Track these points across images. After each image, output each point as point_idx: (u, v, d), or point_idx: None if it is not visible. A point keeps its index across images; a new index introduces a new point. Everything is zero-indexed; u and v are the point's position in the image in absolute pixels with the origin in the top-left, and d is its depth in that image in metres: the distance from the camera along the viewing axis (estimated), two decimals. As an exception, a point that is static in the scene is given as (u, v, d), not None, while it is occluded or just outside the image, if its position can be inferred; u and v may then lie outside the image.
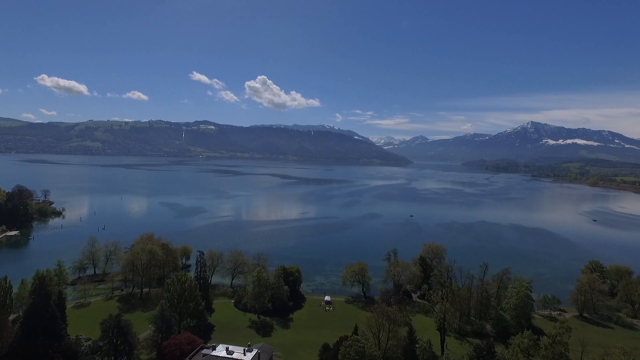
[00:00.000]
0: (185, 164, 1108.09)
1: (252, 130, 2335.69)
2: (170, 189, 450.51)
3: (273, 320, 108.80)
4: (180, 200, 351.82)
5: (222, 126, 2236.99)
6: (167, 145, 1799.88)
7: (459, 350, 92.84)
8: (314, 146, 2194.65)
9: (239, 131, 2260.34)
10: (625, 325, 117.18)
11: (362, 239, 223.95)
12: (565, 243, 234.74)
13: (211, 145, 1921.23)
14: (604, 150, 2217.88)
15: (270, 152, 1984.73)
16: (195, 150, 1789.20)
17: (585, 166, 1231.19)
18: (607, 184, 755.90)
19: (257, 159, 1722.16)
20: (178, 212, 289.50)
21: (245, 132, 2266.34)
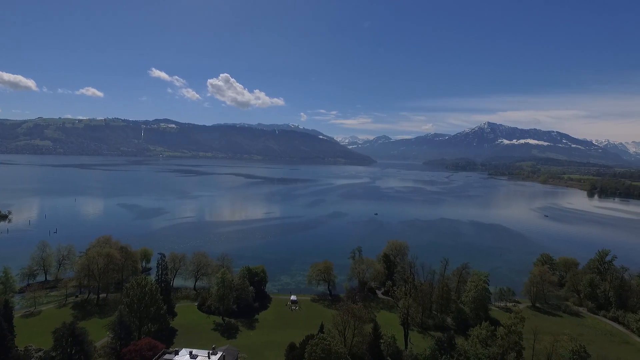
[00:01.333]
0: (144, 163, 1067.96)
1: (215, 129, 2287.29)
2: (129, 189, 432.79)
3: (238, 322, 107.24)
4: (140, 201, 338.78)
5: (184, 125, 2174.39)
6: (124, 144, 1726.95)
7: (421, 343, 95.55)
8: (278, 145, 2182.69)
9: (202, 130, 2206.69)
10: (572, 313, 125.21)
11: (327, 238, 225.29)
12: (520, 238, 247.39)
13: (172, 145, 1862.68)
14: (553, 150, 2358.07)
15: (234, 152, 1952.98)
16: (155, 150, 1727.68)
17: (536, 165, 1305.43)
18: (556, 182, 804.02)
19: (220, 159, 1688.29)
20: (137, 214, 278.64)
21: (208, 131, 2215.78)
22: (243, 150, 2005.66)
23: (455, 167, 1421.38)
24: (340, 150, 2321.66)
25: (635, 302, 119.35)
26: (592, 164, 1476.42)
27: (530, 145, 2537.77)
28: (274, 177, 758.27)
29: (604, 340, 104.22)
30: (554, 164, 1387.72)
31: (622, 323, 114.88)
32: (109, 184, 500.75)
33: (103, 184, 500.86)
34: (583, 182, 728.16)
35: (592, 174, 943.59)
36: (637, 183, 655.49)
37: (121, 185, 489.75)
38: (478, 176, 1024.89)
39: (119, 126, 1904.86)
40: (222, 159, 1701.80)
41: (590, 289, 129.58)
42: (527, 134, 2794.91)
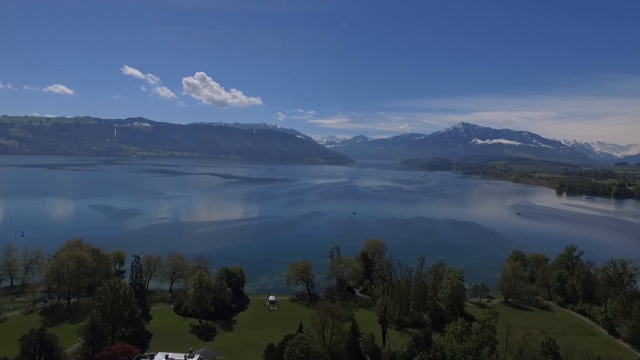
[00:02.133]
0: (117, 163, 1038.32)
1: (191, 128, 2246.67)
2: (101, 190, 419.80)
3: (216, 324, 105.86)
4: (113, 202, 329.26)
5: (158, 124, 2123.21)
6: (96, 143, 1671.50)
7: (399, 340, 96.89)
8: (256, 145, 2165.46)
9: (177, 129, 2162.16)
10: (542, 307, 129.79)
11: (306, 237, 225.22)
12: (493, 235, 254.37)
13: (146, 144, 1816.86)
14: (524, 150, 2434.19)
15: (211, 151, 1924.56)
16: (129, 149, 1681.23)
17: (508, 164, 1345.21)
18: (527, 180, 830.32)
19: (196, 158, 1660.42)
20: (110, 215, 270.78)
21: (184, 130, 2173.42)
22: (220, 150, 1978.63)
23: (431, 167, 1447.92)
24: (318, 150, 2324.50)
25: (600, 295, 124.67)
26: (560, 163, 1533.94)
27: (502, 145, 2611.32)
28: (252, 177, 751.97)
29: (572, 332, 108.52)
30: (525, 163, 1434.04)
31: (589, 315, 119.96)
32: (80, 185, 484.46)
33: (73, 185, 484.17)
34: (552, 181, 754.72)
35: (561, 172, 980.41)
36: (602, 181, 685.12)
37: (93, 185, 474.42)
38: (453, 175, 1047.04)
39: (90, 125, 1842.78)
40: (199, 158, 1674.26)
41: (559, 283, 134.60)
42: (500, 134, 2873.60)
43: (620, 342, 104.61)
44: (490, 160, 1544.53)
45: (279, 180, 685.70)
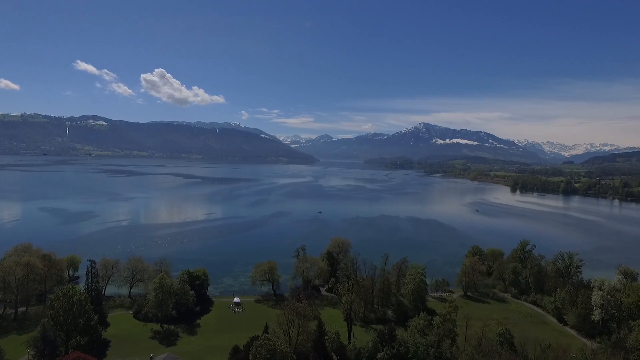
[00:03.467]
0: (70, 163, 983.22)
1: (151, 126, 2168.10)
2: (52, 192, 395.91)
3: (178, 328, 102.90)
4: (65, 204, 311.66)
5: (115, 122, 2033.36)
6: (46, 142, 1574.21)
7: (364, 337, 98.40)
8: (219, 144, 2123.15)
9: (135, 128, 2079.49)
10: (498, 299, 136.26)
11: (271, 238, 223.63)
12: (453, 231, 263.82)
13: (102, 143, 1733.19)
14: (481, 149, 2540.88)
15: (172, 151, 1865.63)
16: (83, 149, 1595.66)
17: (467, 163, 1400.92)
18: (484, 179, 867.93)
19: (156, 158, 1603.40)
20: (63, 219, 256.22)
21: (143, 129, 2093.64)
22: (181, 150, 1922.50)
23: (394, 166, 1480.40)
24: (283, 150, 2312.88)
25: (550, 286, 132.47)
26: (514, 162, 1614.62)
27: (461, 144, 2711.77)
28: (215, 176, 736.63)
29: (526, 322, 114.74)
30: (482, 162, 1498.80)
31: (540, 305, 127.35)
32: (28, 186, 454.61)
33: (20, 186, 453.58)
34: (507, 179, 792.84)
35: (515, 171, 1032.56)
36: (551, 179, 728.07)
37: (42, 187, 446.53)
38: (415, 174, 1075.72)
39: (39, 122, 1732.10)
40: (159, 158, 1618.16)
41: (514, 276, 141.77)
42: (459, 134, 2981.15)
43: (568, 329, 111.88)
44: (450, 160, 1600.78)
45: (243, 180, 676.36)
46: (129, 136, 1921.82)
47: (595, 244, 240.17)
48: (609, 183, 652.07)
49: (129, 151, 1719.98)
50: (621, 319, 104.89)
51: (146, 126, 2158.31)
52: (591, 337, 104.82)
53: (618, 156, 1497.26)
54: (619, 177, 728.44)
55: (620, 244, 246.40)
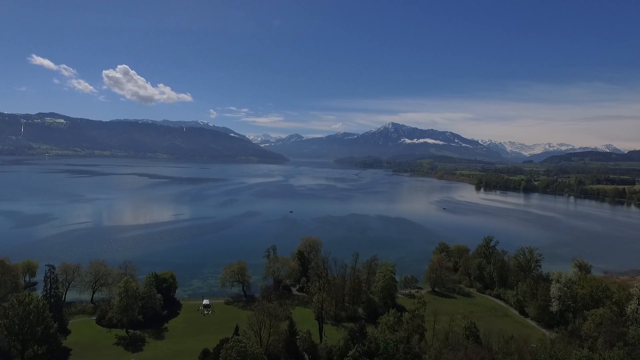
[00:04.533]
0: (25, 163, 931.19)
1: (114, 125, 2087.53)
2: (5, 193, 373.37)
3: (145, 333, 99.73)
4: (20, 206, 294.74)
5: (75, 120, 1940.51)
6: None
7: (335, 335, 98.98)
8: (186, 143, 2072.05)
9: (97, 126, 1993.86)
10: (464, 294, 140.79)
11: (241, 238, 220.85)
12: (421, 229, 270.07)
13: (61, 142, 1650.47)
14: (447, 149, 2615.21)
15: (137, 150, 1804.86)
16: (40, 148, 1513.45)
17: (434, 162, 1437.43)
18: (450, 177, 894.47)
19: (120, 158, 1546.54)
20: (17, 222, 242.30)
21: (105, 127, 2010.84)
22: (147, 149, 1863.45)
23: (363, 165, 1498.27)
24: (253, 149, 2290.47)
25: (512, 280, 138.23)
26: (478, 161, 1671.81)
27: (428, 144, 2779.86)
28: (183, 176, 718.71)
29: (490, 315, 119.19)
30: (448, 161, 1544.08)
31: (503, 299, 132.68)
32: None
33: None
34: (471, 177, 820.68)
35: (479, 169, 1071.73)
36: (513, 177, 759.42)
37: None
38: (384, 173, 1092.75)
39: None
40: (123, 157, 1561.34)
41: (479, 271, 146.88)
42: (426, 134, 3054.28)
43: (529, 321, 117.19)
44: (418, 159, 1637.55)
45: (212, 179, 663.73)
46: (91, 135, 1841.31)
47: (553, 238, 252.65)
48: (565, 181, 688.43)
49: (90, 150, 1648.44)
50: (577, 309, 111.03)
51: (109, 124, 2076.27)
52: (550, 328, 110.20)
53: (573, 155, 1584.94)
54: (574, 175, 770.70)
55: (575, 238, 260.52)
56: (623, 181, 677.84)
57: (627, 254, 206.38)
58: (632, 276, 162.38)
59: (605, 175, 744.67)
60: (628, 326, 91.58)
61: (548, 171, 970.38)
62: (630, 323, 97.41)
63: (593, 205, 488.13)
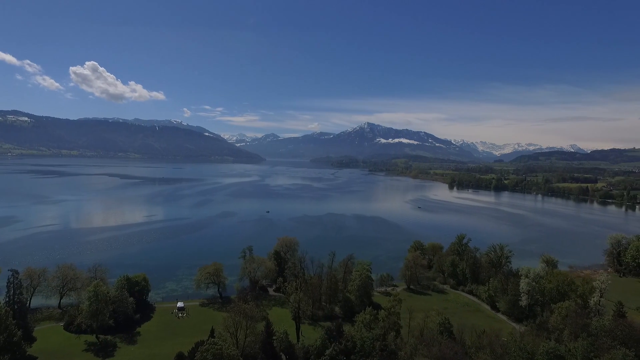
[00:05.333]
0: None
1: (82, 123, 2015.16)
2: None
3: (116, 338, 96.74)
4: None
5: (41, 118, 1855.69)
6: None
7: (312, 335, 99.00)
8: (159, 143, 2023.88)
9: (64, 125, 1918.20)
10: (439, 291, 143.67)
11: (216, 239, 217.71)
12: (396, 227, 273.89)
13: (25, 141, 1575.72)
14: (422, 148, 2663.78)
15: (107, 149, 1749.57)
16: (2, 147, 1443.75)
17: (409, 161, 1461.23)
18: (424, 176, 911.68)
19: (89, 157, 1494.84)
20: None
21: (73, 126, 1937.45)
22: (117, 148, 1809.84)
23: (339, 165, 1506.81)
24: (228, 148, 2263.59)
25: (484, 276, 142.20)
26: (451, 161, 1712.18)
27: (403, 144, 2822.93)
28: (155, 177, 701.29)
29: (463, 311, 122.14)
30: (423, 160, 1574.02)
31: (475, 295, 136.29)
32: None
33: None
34: (445, 176, 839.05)
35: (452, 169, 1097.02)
36: (484, 176, 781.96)
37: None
38: (360, 172, 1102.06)
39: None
40: (92, 157, 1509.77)
41: (452, 268, 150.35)
42: (401, 134, 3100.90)
43: (500, 315, 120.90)
44: (393, 158, 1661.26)
45: (186, 180, 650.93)
46: (57, 134, 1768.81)
47: (522, 235, 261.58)
48: (533, 180, 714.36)
49: (57, 150, 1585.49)
50: (544, 303, 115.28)
51: (77, 123, 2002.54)
52: (519, 321, 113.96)
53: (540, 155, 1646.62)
54: (542, 174, 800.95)
55: (543, 235, 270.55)
56: (586, 180, 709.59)
57: (590, 249, 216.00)
58: (595, 270, 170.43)
59: (570, 174, 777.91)
60: (591, 318, 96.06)
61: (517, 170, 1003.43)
62: (593, 315, 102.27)
63: (559, 203, 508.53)
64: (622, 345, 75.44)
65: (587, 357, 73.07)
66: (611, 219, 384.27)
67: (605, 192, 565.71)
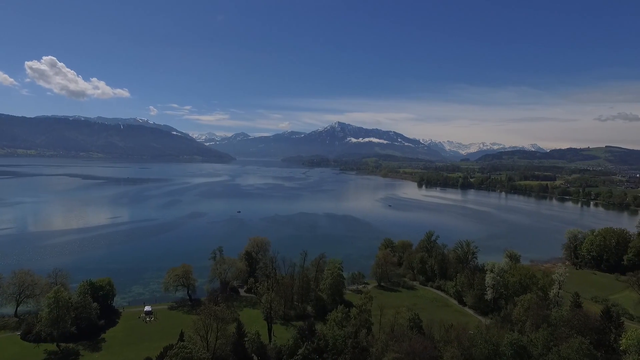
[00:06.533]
0: None
1: (40, 121, 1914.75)
2: None
3: (79, 346, 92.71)
4: None
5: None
6: None
7: (285, 334, 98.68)
8: (124, 142, 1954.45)
9: (20, 122, 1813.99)
10: (408, 287, 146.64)
11: (185, 240, 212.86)
12: (367, 226, 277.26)
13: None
14: (391, 148, 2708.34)
15: (67, 149, 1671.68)
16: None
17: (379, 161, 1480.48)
18: (394, 175, 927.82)
19: (48, 157, 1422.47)
20: None
21: (29, 124, 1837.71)
22: (79, 147, 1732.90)
23: (311, 164, 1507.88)
24: (197, 148, 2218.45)
25: (452, 272, 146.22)
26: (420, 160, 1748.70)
27: (373, 143, 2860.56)
28: (120, 177, 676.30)
29: (432, 306, 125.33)
30: (392, 159, 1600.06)
31: (444, 290, 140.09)
32: None
33: None
34: (414, 175, 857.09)
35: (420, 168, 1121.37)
36: (451, 175, 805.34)
37: None
38: (331, 171, 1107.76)
39: None
40: (51, 157, 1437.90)
41: (421, 265, 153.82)
42: (371, 133, 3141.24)
43: (467, 309, 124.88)
44: (363, 157, 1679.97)
45: (153, 180, 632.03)
46: (12, 132, 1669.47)
47: (487, 231, 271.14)
48: (497, 178, 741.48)
49: (11, 149, 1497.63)
50: (508, 296, 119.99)
51: (34, 121, 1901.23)
52: (485, 315, 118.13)
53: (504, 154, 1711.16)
54: (505, 173, 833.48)
55: (506, 230, 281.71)
56: (546, 177, 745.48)
57: (550, 244, 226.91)
58: (554, 263, 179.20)
59: (531, 172, 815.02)
60: (551, 309, 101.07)
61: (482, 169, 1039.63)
62: (553, 306, 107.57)
63: (521, 200, 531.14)
64: (579, 334, 79.81)
65: (547, 346, 76.79)
66: (568, 214, 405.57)
67: (563, 190, 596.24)
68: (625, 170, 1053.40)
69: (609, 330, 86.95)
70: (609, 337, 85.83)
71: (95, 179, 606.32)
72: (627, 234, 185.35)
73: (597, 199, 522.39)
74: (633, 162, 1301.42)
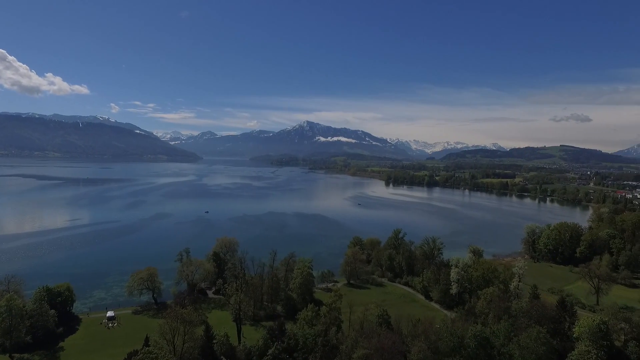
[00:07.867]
0: None
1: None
2: None
3: (35, 356, 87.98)
4: None
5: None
6: None
7: (254, 335, 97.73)
8: (83, 141, 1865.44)
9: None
10: (377, 284, 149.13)
11: (150, 242, 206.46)
12: (337, 225, 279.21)
13: None
14: (360, 147, 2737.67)
15: (20, 148, 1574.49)
16: None
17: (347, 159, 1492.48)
18: (362, 174, 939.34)
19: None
20: None
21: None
22: (33, 146, 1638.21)
23: (279, 163, 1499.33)
24: (162, 147, 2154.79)
25: (419, 268, 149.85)
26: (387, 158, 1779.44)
27: (342, 142, 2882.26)
28: (80, 177, 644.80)
29: (400, 302, 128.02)
30: (361, 158, 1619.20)
31: (411, 286, 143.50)
32: None
33: None
34: (381, 174, 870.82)
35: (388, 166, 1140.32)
36: (418, 173, 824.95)
37: None
38: (300, 170, 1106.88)
39: None
40: (2, 156, 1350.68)
41: (389, 261, 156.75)
42: (339, 133, 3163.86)
43: (433, 304, 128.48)
44: (332, 156, 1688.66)
45: (115, 180, 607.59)
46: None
47: (452, 228, 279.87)
48: (461, 176, 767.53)
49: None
50: (472, 290, 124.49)
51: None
52: (450, 308, 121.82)
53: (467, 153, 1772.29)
54: (468, 171, 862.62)
55: (470, 226, 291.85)
56: (506, 175, 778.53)
57: (510, 238, 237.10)
58: (514, 257, 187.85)
59: (492, 170, 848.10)
60: (511, 301, 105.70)
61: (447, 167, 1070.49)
62: (513, 298, 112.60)
63: (483, 197, 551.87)
64: (537, 324, 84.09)
65: (508, 336, 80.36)
66: (527, 210, 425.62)
67: (521, 187, 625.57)
68: (577, 168, 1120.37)
69: (564, 319, 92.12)
70: (564, 326, 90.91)
71: (52, 180, 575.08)
72: (580, 228, 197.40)
73: (552, 195, 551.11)
74: (584, 160, 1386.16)
